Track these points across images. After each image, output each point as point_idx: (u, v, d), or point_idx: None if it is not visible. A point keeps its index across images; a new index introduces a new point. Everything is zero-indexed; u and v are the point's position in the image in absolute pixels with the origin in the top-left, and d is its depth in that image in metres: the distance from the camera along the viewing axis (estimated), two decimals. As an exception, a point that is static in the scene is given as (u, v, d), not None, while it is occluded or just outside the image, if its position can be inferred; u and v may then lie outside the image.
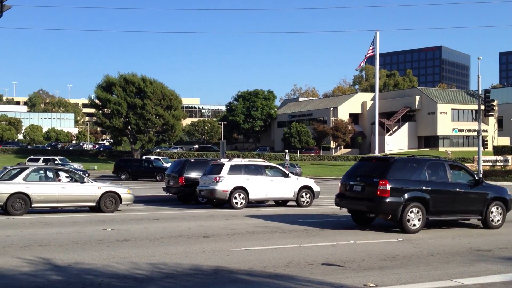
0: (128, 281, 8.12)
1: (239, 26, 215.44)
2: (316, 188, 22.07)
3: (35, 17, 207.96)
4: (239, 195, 20.21)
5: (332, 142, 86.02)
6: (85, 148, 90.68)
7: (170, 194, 23.79)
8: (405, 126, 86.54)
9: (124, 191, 19.04)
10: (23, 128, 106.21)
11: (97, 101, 71.08)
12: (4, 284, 7.77)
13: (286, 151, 51.94)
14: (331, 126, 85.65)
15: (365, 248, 11.42)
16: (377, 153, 76.93)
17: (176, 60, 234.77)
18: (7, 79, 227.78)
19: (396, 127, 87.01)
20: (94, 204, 18.40)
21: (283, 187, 21.21)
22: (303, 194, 21.54)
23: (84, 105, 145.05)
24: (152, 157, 55.39)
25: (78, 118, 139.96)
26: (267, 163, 22.69)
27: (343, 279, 8.45)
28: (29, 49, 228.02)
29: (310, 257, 10.28)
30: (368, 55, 74.90)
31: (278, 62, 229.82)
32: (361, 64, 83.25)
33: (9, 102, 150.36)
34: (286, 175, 21.66)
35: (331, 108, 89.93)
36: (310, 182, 22.23)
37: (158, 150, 79.58)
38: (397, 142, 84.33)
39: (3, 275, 8.36)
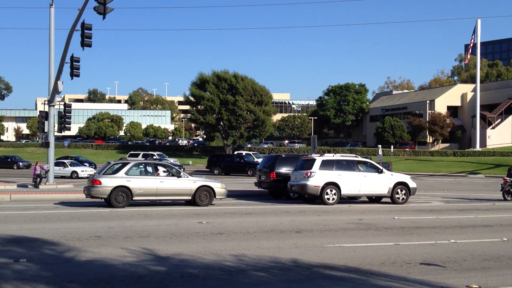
0: (223, 273, 8.28)
1: (328, 19, 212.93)
2: (412, 184, 21.29)
3: (135, 19, 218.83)
4: (331, 190, 19.98)
5: (428, 136, 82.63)
6: (180, 144, 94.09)
7: (262, 189, 24.04)
8: (509, 119, 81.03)
9: (218, 186, 19.50)
10: (124, 125, 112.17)
11: (192, 98, 73.47)
12: (109, 273, 8.22)
13: (379, 146, 50.61)
14: (427, 119, 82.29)
15: (466, 248, 10.82)
16: (477, 148, 72.96)
17: (266, 56, 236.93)
18: (109, 79, 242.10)
19: (499, 120, 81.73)
20: (190, 197, 19.01)
21: (377, 183, 20.69)
22: (398, 190, 20.86)
23: (180, 102, 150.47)
24: (244, 153, 56.40)
25: (174, 115, 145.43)
26: (360, 158, 22.25)
27: (444, 279, 8.06)
28: (129, 50, 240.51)
29: (407, 255, 9.92)
30: (470, 45, 71.18)
31: (370, 54, 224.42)
32: (468, 56, 79.36)
33: (111, 100, 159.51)
34: (380, 171, 21.10)
35: (428, 101, 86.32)
36: (406, 178, 21.50)
37: (249, 145, 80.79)
38: (500, 136, 79.26)
39: (108, 264, 8.85)
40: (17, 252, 9.63)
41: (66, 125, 29.06)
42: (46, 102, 29.92)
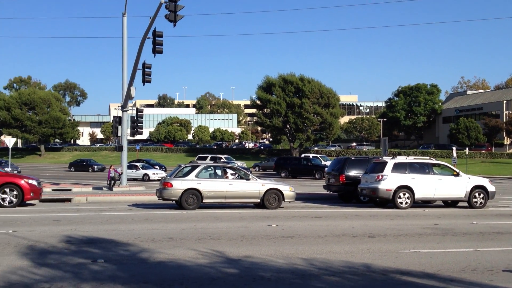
0: (295, 277, 8.14)
1: (397, 19, 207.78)
2: (491, 187, 20.25)
3: (203, 25, 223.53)
4: (404, 194, 19.36)
5: (506, 138, 78.63)
6: (247, 147, 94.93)
7: (331, 192, 23.69)
8: None
9: (287, 189, 19.38)
10: (192, 128, 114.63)
11: (258, 102, 73.96)
12: (183, 274, 8.30)
13: (454, 148, 48.70)
14: (505, 120, 78.31)
15: (555, 256, 10.08)
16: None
17: (333, 58, 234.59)
18: (178, 84, 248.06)
19: None
20: (259, 200, 19.02)
21: (452, 186, 19.83)
22: (476, 194, 19.90)
23: (246, 106, 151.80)
24: (311, 155, 56.05)
25: (241, 118, 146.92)
26: (434, 161, 21.42)
27: (532, 289, 7.52)
28: (197, 55, 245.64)
29: (488, 262, 9.37)
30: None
31: (442, 53, 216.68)
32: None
33: (180, 105, 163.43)
34: (456, 174, 20.22)
35: (505, 101, 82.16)
36: (484, 181, 20.48)
37: (316, 148, 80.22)
38: None
39: (181, 265, 8.94)
40: (94, 253, 9.94)
41: (138, 130, 29.96)
42: (119, 107, 30.99)
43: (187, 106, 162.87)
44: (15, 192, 18.61)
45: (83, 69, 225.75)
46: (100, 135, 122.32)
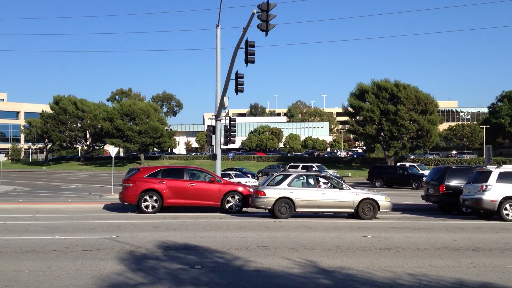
0: (394, 292, 7.82)
1: (497, 20, 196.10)
2: None
3: (293, 33, 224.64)
4: (511, 206, 18.09)
5: None
6: (339, 155, 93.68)
7: (430, 203, 22.67)
8: None
9: (382, 198, 18.80)
10: (284, 137, 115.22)
11: (350, 109, 72.80)
12: (277, 283, 8.26)
13: None
14: None
15: None
16: None
17: (430, 63, 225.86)
18: (269, 93, 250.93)
19: None
20: (353, 210, 18.60)
21: None
22: None
23: (338, 114, 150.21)
24: (407, 164, 54.09)
25: (332, 126, 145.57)
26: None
27: None
28: (288, 63, 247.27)
29: None
30: None
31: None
32: None
33: (271, 114, 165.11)
34: None
35: None
36: None
37: (412, 156, 77.41)
38: None
39: (275, 274, 8.91)
40: (191, 259, 10.19)
41: (231, 139, 30.51)
42: (213, 117, 31.77)
43: (278, 114, 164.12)
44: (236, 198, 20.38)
45: (179, 80, 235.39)
46: (195, 144, 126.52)
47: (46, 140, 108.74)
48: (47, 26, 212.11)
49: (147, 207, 19.80)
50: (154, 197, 19.87)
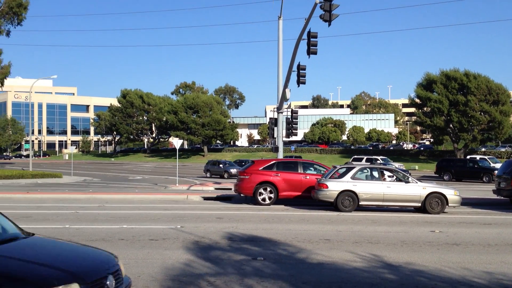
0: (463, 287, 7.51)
1: None
2: None
3: (356, 22, 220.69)
4: None
5: None
6: (405, 148, 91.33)
7: (501, 197, 21.65)
8: None
9: (451, 192, 18.12)
10: (347, 129, 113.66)
11: (417, 100, 70.67)
12: (340, 277, 8.14)
13: None
14: None
15: None
16: None
17: (503, 51, 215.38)
18: (332, 84, 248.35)
19: None
20: (419, 204, 18.06)
21: None
22: None
23: (404, 105, 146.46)
24: (477, 157, 51.92)
25: (398, 118, 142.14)
26: None
27: None
28: (351, 54, 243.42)
29: None
30: None
31: None
32: None
33: (334, 105, 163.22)
34: None
35: None
36: None
37: (483, 149, 74.22)
38: None
39: (338, 268, 8.79)
40: (254, 250, 10.23)
41: (293, 131, 30.39)
42: (275, 109, 31.75)
43: (341, 106, 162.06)
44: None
45: (241, 73, 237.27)
46: (257, 137, 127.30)
47: (114, 132, 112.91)
48: (114, 22, 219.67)
49: (263, 199, 20.18)
50: (269, 189, 20.22)
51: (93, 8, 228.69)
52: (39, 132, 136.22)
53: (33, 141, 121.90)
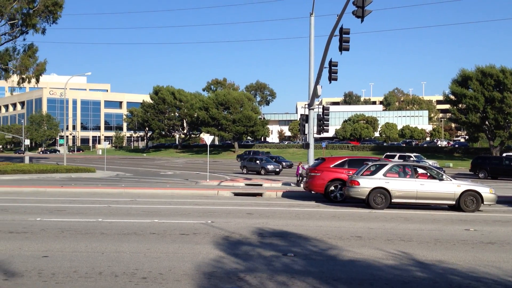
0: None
1: None
2: None
3: (389, 18, 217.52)
4: None
5: None
6: (439, 145, 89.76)
7: (540, 196, 21.00)
8: None
9: (486, 190, 17.69)
10: (379, 126, 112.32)
11: (452, 97, 69.35)
12: (372, 274, 8.03)
13: None
14: None
15: None
16: None
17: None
18: (364, 80, 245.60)
19: None
20: (453, 202, 17.68)
21: None
22: None
23: (438, 102, 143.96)
24: (514, 155, 50.59)
25: (432, 115, 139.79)
26: None
27: None
28: (384, 50, 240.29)
29: None
30: None
31: None
32: None
33: (366, 102, 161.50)
34: None
35: None
36: None
37: (520, 146, 72.34)
38: None
39: (370, 265, 8.67)
40: (284, 246, 10.19)
41: (324, 127, 30.17)
42: (306, 106, 31.57)
43: (374, 103, 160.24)
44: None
45: (272, 69, 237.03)
46: (287, 133, 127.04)
47: (146, 128, 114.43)
48: (147, 20, 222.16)
49: (335, 197, 20.20)
50: (340, 187, 20.20)
51: (126, 6, 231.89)
52: (74, 127, 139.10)
53: (67, 136, 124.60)
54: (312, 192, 21.35)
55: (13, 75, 54.19)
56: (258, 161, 46.71)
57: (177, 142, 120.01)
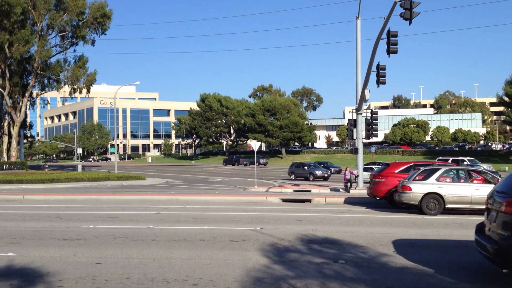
0: None
1: None
2: None
3: (437, 21, 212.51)
4: None
5: None
6: (494, 148, 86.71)
7: None
8: None
9: (546, 195, 16.84)
10: (430, 130, 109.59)
11: (506, 98, 67.08)
12: (427, 282, 7.75)
13: None
14: None
15: None
16: None
17: None
18: (413, 84, 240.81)
19: None
20: (511, 207, 16.93)
21: None
22: None
23: (491, 104, 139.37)
24: None
25: (485, 117, 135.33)
26: None
27: None
28: (434, 52, 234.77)
29: None
30: None
31: None
32: None
33: (416, 105, 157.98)
34: None
35: None
36: None
37: None
38: None
39: (425, 273, 8.38)
40: (334, 253, 10.02)
41: (373, 132, 29.69)
42: (354, 110, 31.18)
43: (424, 106, 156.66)
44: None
45: (319, 74, 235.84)
46: (335, 138, 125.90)
47: (194, 135, 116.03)
48: (193, 29, 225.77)
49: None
50: None
51: (172, 16, 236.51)
52: (124, 136, 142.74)
53: (118, 144, 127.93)
54: (377, 198, 20.92)
55: (65, 85, 56.18)
56: (306, 167, 46.42)
57: (224, 149, 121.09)
